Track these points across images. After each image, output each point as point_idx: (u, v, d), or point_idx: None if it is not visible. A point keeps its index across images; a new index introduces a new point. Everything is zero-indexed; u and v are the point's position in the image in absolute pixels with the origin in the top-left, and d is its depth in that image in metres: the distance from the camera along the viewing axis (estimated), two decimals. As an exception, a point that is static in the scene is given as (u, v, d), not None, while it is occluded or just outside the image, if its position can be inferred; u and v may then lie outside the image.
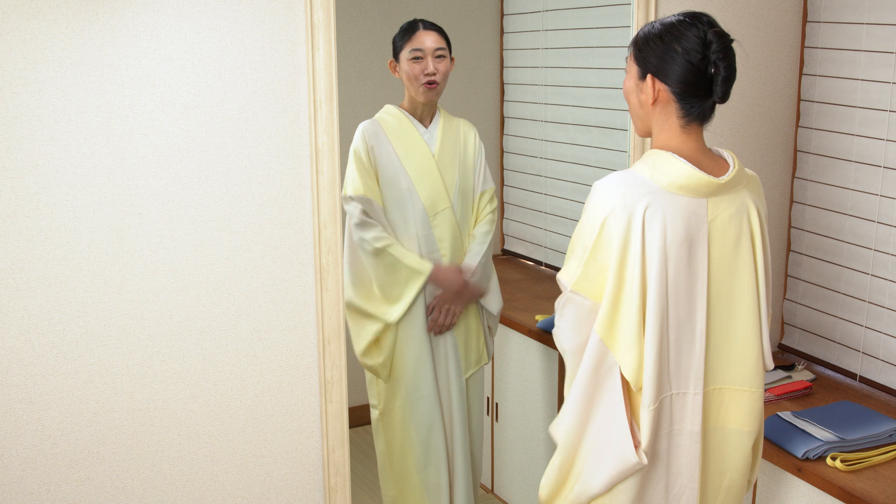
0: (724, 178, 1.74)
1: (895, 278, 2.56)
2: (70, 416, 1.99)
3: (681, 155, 1.74)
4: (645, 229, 1.70)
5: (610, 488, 1.79)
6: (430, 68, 2.56)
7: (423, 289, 2.59)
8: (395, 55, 2.62)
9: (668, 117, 1.76)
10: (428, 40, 2.57)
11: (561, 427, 1.83)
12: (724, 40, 1.70)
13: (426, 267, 2.57)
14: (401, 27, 2.62)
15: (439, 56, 2.57)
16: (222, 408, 2.14)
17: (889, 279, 2.58)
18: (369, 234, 2.53)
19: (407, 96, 2.65)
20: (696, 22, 1.71)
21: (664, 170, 1.72)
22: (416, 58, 2.56)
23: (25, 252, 1.89)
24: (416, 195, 2.58)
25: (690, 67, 1.70)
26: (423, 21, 2.60)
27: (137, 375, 2.04)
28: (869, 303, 2.65)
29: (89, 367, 1.99)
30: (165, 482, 2.11)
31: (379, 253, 2.54)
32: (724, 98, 1.73)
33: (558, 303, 1.86)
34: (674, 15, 1.75)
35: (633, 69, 1.79)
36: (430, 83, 2.57)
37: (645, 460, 1.75)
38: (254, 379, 2.15)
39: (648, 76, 1.75)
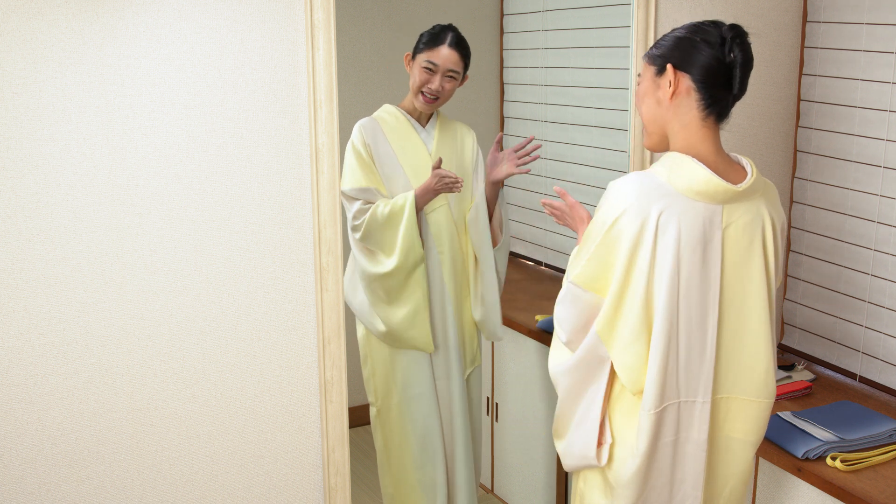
0: (742, 186, 1.73)
1: (895, 278, 2.56)
2: (70, 416, 1.99)
3: (699, 158, 1.74)
4: (658, 233, 1.69)
5: (577, 471, 1.91)
6: (436, 86, 2.56)
7: (418, 218, 2.52)
8: (414, 53, 2.61)
9: (688, 110, 1.75)
10: (445, 58, 2.55)
11: (559, 371, 1.88)
12: (740, 31, 1.75)
13: (408, 196, 2.51)
14: (433, 28, 2.59)
15: (450, 77, 2.57)
16: (222, 408, 2.14)
17: (889, 279, 2.58)
18: (357, 234, 2.52)
19: (408, 96, 2.65)
20: (715, 23, 1.77)
21: (682, 173, 1.71)
22: (428, 69, 2.56)
23: (25, 252, 1.89)
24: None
25: (712, 54, 1.72)
26: (452, 33, 2.57)
27: (137, 375, 2.04)
28: (869, 303, 2.65)
29: (89, 367, 1.99)
30: (165, 482, 2.11)
31: (368, 229, 2.50)
32: (742, 89, 1.75)
33: (560, 294, 1.88)
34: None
35: (649, 70, 1.80)
36: (430, 97, 2.58)
37: (603, 462, 1.82)
38: (254, 379, 2.15)
39: (669, 67, 1.75)
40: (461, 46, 2.59)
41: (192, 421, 2.11)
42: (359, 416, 2.87)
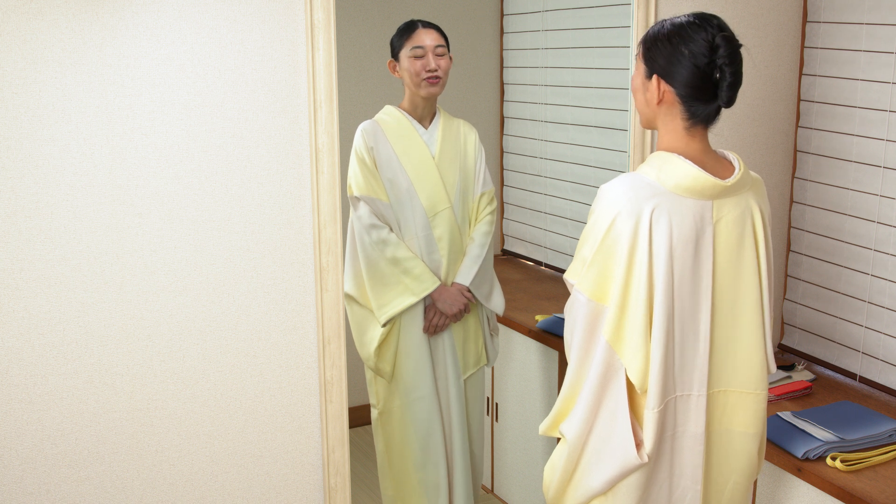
0: (730, 181, 1.74)
1: (895, 278, 2.56)
2: (70, 416, 1.99)
3: (686, 156, 1.74)
4: (652, 232, 1.69)
5: (610, 487, 1.79)
6: (432, 64, 2.57)
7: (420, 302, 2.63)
8: (395, 55, 2.63)
9: (672, 118, 1.76)
10: (428, 38, 2.58)
11: (571, 427, 1.82)
12: (732, 45, 1.69)
13: (431, 284, 2.58)
14: (398, 28, 2.63)
15: (440, 53, 2.59)
16: (222, 408, 2.14)
17: (889, 279, 2.58)
18: (384, 236, 2.55)
19: (407, 96, 2.65)
20: (706, 24, 1.70)
21: (670, 172, 1.72)
22: (417, 55, 2.57)
23: (25, 252, 1.89)
24: (416, 196, 2.58)
25: (696, 71, 1.69)
26: (420, 20, 2.62)
27: (137, 375, 2.04)
28: (869, 303, 2.65)
29: (89, 367, 1.99)
30: (165, 482, 2.11)
31: (395, 261, 2.55)
32: (730, 103, 1.72)
33: (567, 303, 1.86)
34: (684, 15, 1.73)
35: (641, 67, 1.79)
36: (432, 78, 2.58)
37: (646, 459, 1.75)
38: (254, 379, 2.15)
39: (654, 77, 1.74)
40: (434, 25, 2.64)
41: (192, 421, 2.11)
42: (359, 417, 2.87)
